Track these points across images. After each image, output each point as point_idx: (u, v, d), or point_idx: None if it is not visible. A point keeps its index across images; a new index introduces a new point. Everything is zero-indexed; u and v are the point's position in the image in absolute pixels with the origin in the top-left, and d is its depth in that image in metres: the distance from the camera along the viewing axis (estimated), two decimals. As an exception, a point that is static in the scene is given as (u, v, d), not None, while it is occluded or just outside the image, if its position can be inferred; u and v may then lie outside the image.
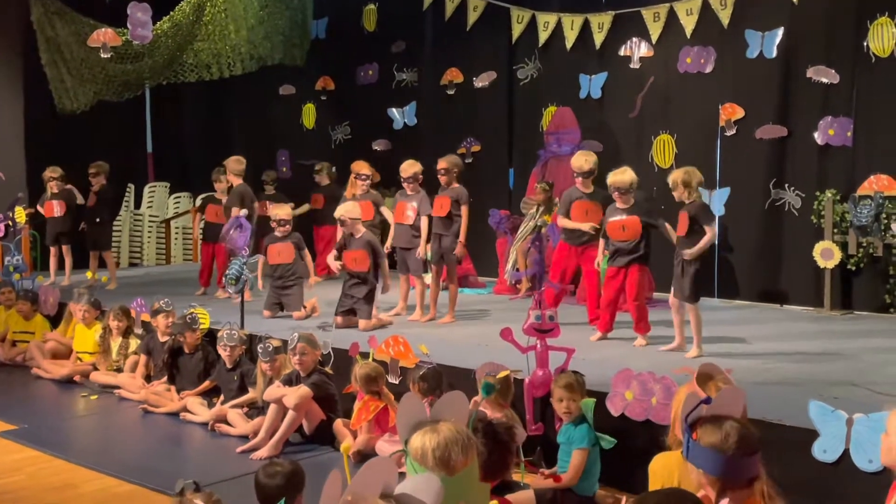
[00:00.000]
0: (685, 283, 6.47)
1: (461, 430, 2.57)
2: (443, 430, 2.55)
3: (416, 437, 2.56)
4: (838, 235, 8.55)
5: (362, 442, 5.81)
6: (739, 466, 2.58)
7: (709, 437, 2.59)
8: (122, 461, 5.82)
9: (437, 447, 2.51)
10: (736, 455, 2.57)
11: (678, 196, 6.56)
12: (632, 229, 7.00)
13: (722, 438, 2.58)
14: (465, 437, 2.55)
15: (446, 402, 2.70)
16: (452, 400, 2.70)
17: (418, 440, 2.55)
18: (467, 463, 2.56)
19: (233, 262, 7.41)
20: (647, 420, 5.09)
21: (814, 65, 8.77)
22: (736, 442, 2.58)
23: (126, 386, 7.44)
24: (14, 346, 8.75)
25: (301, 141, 13.35)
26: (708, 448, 2.58)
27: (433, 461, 2.51)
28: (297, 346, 6.14)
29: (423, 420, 2.63)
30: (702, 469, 2.60)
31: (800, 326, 7.97)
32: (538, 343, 5.44)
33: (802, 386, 5.54)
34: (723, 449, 2.57)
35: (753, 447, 2.61)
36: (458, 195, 7.92)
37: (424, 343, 6.18)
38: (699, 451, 2.60)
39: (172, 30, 10.83)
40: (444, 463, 2.50)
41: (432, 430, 2.56)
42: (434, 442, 2.52)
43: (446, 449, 2.51)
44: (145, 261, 13.75)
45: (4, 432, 6.40)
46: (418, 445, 2.54)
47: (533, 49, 10.84)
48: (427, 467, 2.50)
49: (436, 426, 2.57)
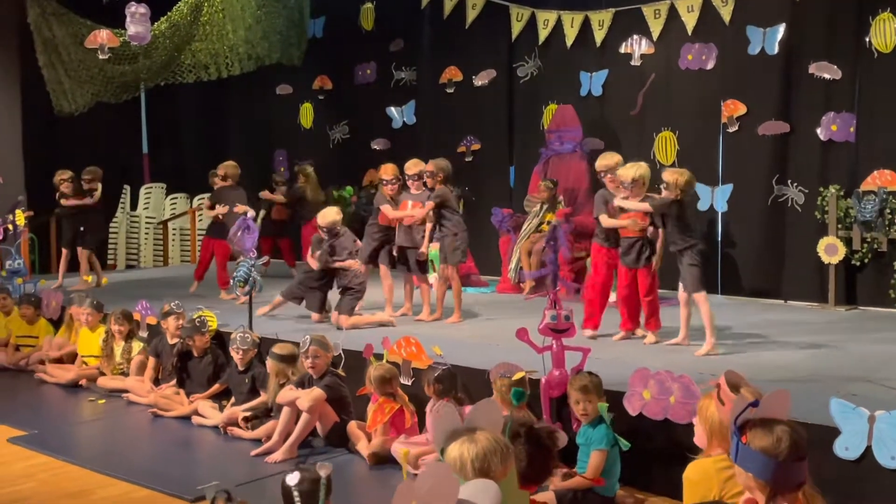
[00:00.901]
0: (684, 274, 6.58)
1: (498, 438, 2.56)
2: (480, 439, 2.53)
3: (454, 447, 2.54)
4: (842, 231, 8.57)
5: (378, 444, 5.79)
6: (790, 471, 2.56)
7: (760, 441, 2.57)
8: (135, 466, 5.78)
9: (476, 457, 2.50)
10: (787, 460, 2.54)
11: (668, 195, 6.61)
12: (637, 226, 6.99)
13: (774, 443, 2.55)
14: (502, 445, 2.54)
15: (480, 410, 2.67)
16: (486, 407, 2.68)
17: (456, 450, 2.53)
18: (506, 472, 2.55)
19: (241, 263, 7.36)
20: (665, 419, 5.08)
21: (816, 61, 8.79)
22: (788, 447, 2.55)
23: (134, 389, 7.40)
24: (17, 351, 8.70)
25: (299, 141, 13.31)
26: (759, 452, 2.56)
27: (472, 472, 2.49)
28: (310, 348, 6.11)
29: (458, 428, 2.61)
30: (751, 473, 2.58)
31: (805, 322, 7.98)
32: (554, 343, 5.42)
33: (817, 383, 5.55)
34: (775, 454, 2.54)
35: (804, 452, 2.59)
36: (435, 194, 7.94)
37: (434, 343, 6.18)
38: (749, 455, 2.58)
39: (170, 30, 10.80)
40: (483, 473, 2.49)
41: (470, 439, 2.54)
42: (473, 452, 2.50)
43: (485, 459, 2.49)
44: (142, 262, 13.69)
45: (14, 438, 6.35)
46: (456, 455, 2.52)
47: (533, 47, 10.82)
48: (466, 478, 2.48)
49: (473, 435, 2.55)
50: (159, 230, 13.65)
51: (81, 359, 8.18)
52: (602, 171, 7.43)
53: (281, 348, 6.42)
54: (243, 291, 7.25)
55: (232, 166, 9.89)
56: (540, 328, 5.44)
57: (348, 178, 12.38)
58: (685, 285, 6.62)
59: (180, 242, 13.83)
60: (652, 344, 6.89)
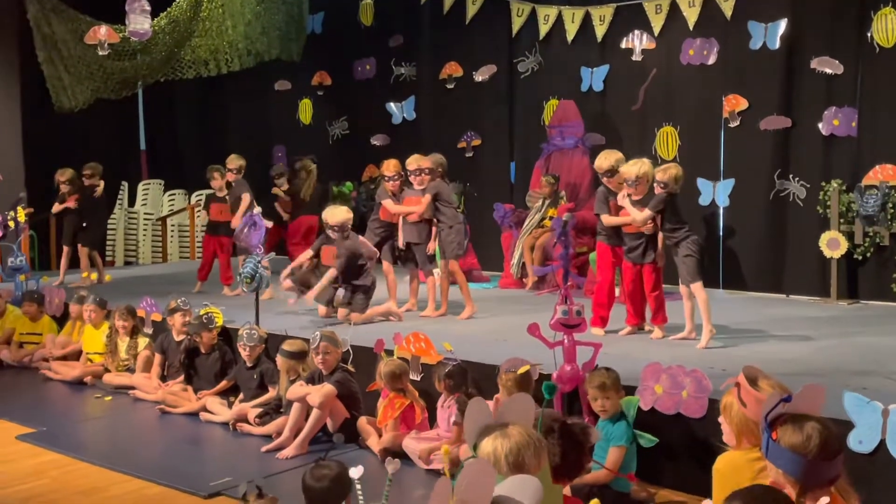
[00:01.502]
0: (679, 267, 6.65)
1: (531, 433, 2.57)
2: (514, 434, 2.54)
3: (487, 442, 2.55)
4: (844, 225, 8.62)
5: (389, 440, 5.80)
6: (820, 469, 2.55)
7: (790, 438, 2.57)
8: (146, 463, 5.78)
9: (509, 452, 2.50)
10: (817, 458, 2.54)
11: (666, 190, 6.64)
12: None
13: (804, 440, 2.55)
14: (536, 440, 2.55)
15: (512, 405, 2.68)
16: (518, 402, 2.68)
17: (489, 445, 2.53)
18: (540, 467, 2.55)
19: (247, 260, 7.36)
20: (678, 413, 5.11)
21: (818, 56, 8.82)
22: (818, 445, 2.54)
23: (141, 386, 7.39)
24: (21, 348, 8.68)
25: (298, 137, 13.29)
26: (788, 449, 2.56)
27: (507, 467, 2.50)
28: (321, 345, 6.12)
29: (490, 424, 2.61)
30: (781, 469, 2.59)
31: (809, 317, 8.02)
32: (565, 338, 5.44)
33: (826, 377, 5.57)
34: (804, 451, 2.54)
35: (835, 450, 2.58)
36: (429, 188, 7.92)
37: (441, 339, 6.19)
38: (779, 452, 2.58)
39: (170, 26, 10.77)
40: (517, 468, 2.49)
41: (503, 434, 2.54)
42: (506, 447, 2.51)
43: (519, 454, 2.50)
44: (141, 259, 13.67)
45: (23, 435, 6.34)
46: (490, 451, 2.52)
47: (533, 42, 10.83)
48: (500, 473, 2.49)
49: (505, 430, 2.56)
50: (158, 227, 13.63)
51: (86, 356, 8.17)
52: (601, 173, 7.37)
53: (291, 345, 6.42)
54: (250, 288, 7.24)
55: (241, 158, 9.90)
56: (551, 323, 5.45)
57: (348, 174, 12.40)
58: (682, 277, 6.67)
59: (179, 239, 13.81)
60: (659, 339, 6.91)
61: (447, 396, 5.75)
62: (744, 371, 3.49)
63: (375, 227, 8.42)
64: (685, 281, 6.65)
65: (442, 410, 5.78)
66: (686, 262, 6.61)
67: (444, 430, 5.71)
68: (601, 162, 7.42)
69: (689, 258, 6.60)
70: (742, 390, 3.30)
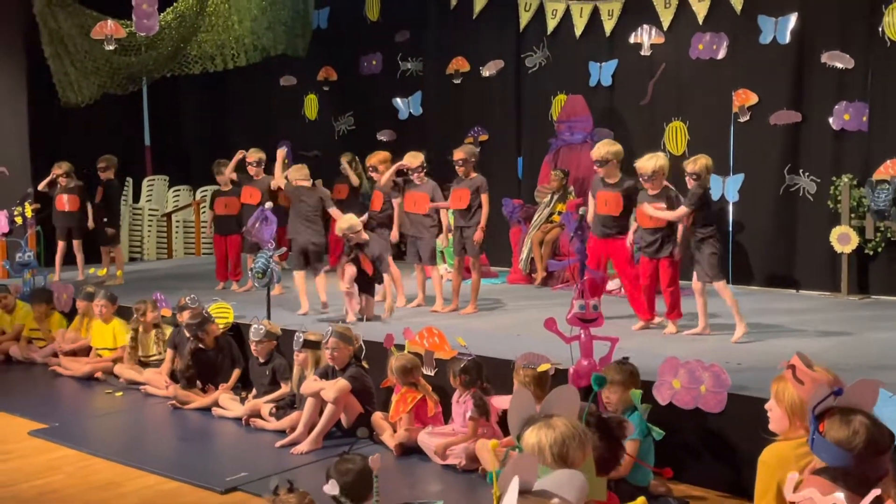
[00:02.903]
0: (703, 263, 6.59)
1: (576, 424, 2.55)
2: (558, 425, 2.52)
3: (531, 432, 2.53)
4: (855, 220, 8.59)
5: (403, 435, 5.79)
6: (866, 465, 2.50)
7: (835, 433, 2.52)
8: (160, 458, 5.78)
9: (554, 443, 2.48)
10: (863, 454, 2.49)
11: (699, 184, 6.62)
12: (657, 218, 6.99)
13: (849, 435, 2.50)
14: (580, 431, 2.53)
15: (557, 396, 2.66)
16: (563, 394, 2.66)
17: (534, 436, 2.52)
18: (584, 458, 2.53)
19: (259, 255, 7.33)
20: (696, 408, 5.09)
21: (828, 50, 8.79)
22: (864, 441, 2.49)
23: (152, 382, 7.37)
24: (30, 344, 8.65)
25: (303, 132, 13.25)
26: (833, 444, 2.52)
27: (551, 458, 2.48)
28: (329, 340, 6.10)
29: (534, 415, 2.60)
30: (826, 463, 2.56)
31: (820, 312, 8.00)
32: (582, 333, 5.42)
33: (845, 372, 5.47)
34: (850, 447, 2.49)
35: (883, 446, 2.52)
36: (478, 184, 7.89)
37: (452, 333, 6.17)
38: (824, 446, 2.54)
39: (176, 21, 10.72)
40: (562, 459, 2.47)
41: (547, 425, 2.53)
42: (551, 438, 2.49)
43: (564, 445, 2.48)
44: (146, 255, 13.63)
45: (36, 431, 6.33)
46: (534, 441, 2.51)
47: (541, 37, 10.79)
48: (545, 464, 2.47)
49: (550, 421, 2.54)
50: (162, 222, 13.59)
51: (95, 351, 8.15)
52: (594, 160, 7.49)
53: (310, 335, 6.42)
54: (262, 283, 7.21)
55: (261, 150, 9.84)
56: (568, 318, 5.42)
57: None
58: (704, 274, 6.63)
59: (184, 234, 13.77)
60: (672, 334, 6.90)
61: (462, 392, 5.73)
62: (797, 356, 3.47)
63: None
64: (704, 278, 6.62)
65: (457, 406, 5.76)
66: (711, 259, 6.57)
67: (460, 425, 5.69)
68: (595, 150, 7.48)
69: (714, 256, 6.57)
70: (798, 371, 3.26)
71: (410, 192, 8.19)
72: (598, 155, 7.41)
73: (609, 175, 7.44)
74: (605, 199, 7.43)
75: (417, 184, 8.16)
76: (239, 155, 9.61)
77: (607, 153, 7.37)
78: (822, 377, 3.00)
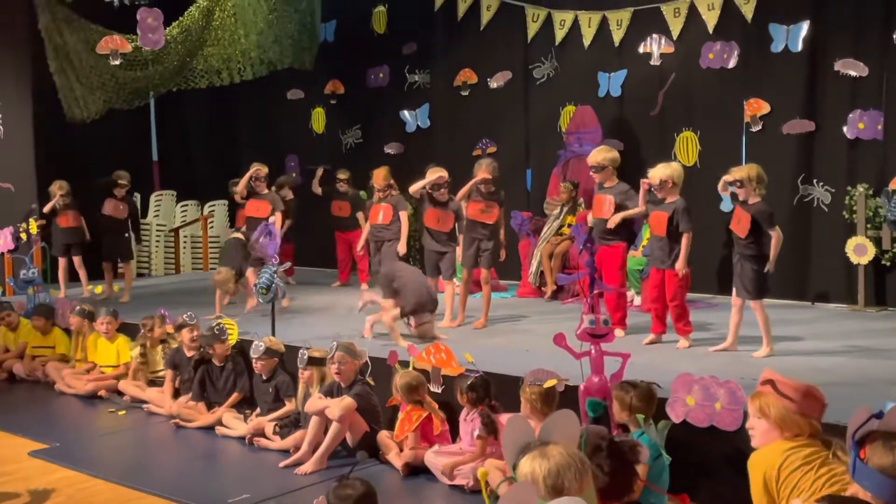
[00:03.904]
0: (746, 280, 6.42)
1: (573, 453, 2.40)
2: (554, 454, 2.37)
3: (526, 461, 2.38)
4: (871, 231, 8.43)
5: (410, 455, 5.65)
6: None
7: (879, 459, 2.38)
8: (162, 479, 5.65)
9: (548, 474, 2.34)
10: None
11: (744, 194, 6.43)
12: (663, 225, 6.87)
13: (894, 461, 2.37)
14: (578, 461, 2.38)
15: (555, 422, 2.51)
16: (561, 419, 2.51)
17: (528, 465, 2.37)
18: (582, 489, 2.38)
19: (263, 270, 7.22)
20: (711, 426, 4.93)
21: (842, 58, 8.66)
22: None
23: (155, 401, 7.25)
24: (33, 361, 8.55)
25: (311, 146, 13.17)
26: (877, 470, 2.37)
27: (545, 489, 2.34)
28: (336, 354, 5.97)
29: (531, 442, 2.45)
30: (869, 492, 2.41)
31: (838, 324, 7.85)
32: (592, 348, 5.27)
33: (867, 387, 5.41)
34: (895, 474, 2.36)
35: None
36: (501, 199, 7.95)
37: (458, 348, 6.03)
38: (866, 472, 2.39)
39: (182, 35, 10.67)
40: (556, 491, 2.33)
41: (542, 454, 2.38)
42: (545, 468, 2.35)
43: (559, 476, 2.34)
44: (154, 271, 13.54)
45: (37, 451, 6.21)
46: (528, 471, 2.36)
47: (549, 48, 10.68)
48: (539, 495, 2.33)
49: (545, 450, 2.39)
50: (170, 238, 13.51)
51: (99, 369, 8.05)
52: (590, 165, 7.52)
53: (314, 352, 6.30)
54: (266, 299, 7.09)
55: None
56: (578, 333, 5.28)
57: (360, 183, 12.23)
58: (744, 290, 6.47)
59: (192, 250, 13.68)
60: (685, 348, 6.74)
61: (470, 409, 5.58)
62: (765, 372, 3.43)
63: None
64: (744, 295, 6.47)
65: (465, 424, 5.61)
66: (755, 278, 6.40)
67: (468, 444, 5.54)
68: (591, 157, 7.52)
69: (760, 274, 6.40)
70: (779, 384, 3.30)
71: (433, 209, 8.03)
72: (595, 161, 7.42)
73: (607, 180, 7.42)
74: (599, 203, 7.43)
75: (441, 201, 8.00)
76: (252, 170, 9.51)
77: (603, 160, 7.38)
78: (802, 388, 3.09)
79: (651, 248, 7.09)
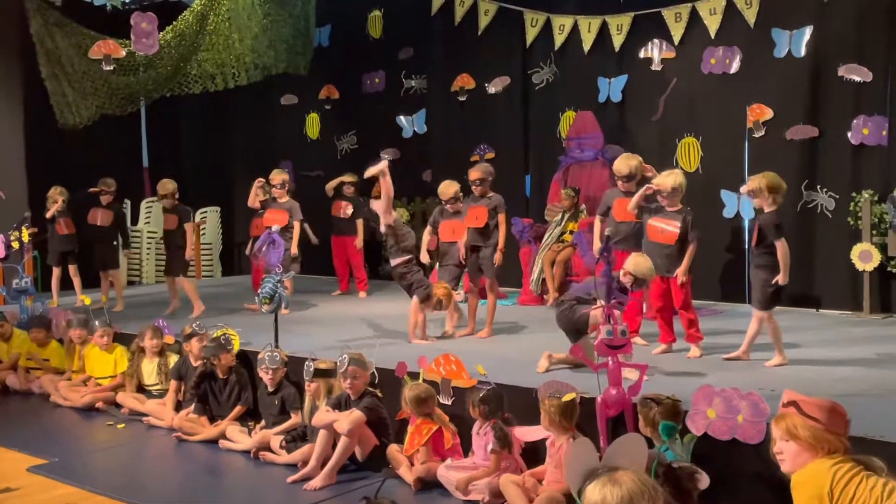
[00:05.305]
0: (756, 290, 6.38)
1: (644, 479, 2.27)
2: (625, 480, 2.25)
3: (594, 488, 2.25)
4: (877, 237, 8.38)
5: (422, 469, 5.51)
6: None
7: None
8: (164, 495, 5.49)
9: (621, 501, 2.22)
10: None
11: (758, 203, 6.35)
12: (669, 234, 6.78)
13: None
14: (651, 488, 2.25)
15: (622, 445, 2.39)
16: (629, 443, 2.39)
17: (597, 493, 2.24)
18: None
19: (266, 279, 7.07)
20: (733, 439, 4.83)
21: (845, 63, 8.60)
22: None
23: (155, 413, 7.09)
24: (28, 373, 8.37)
25: (305, 152, 13.03)
26: None
27: None
28: (349, 368, 5.83)
29: (597, 467, 2.33)
30: None
31: (845, 331, 7.77)
32: (609, 360, 5.16)
33: (872, 397, 5.31)
34: None
35: None
36: (496, 204, 7.68)
37: (467, 359, 5.91)
38: None
39: (176, 40, 10.50)
40: None
41: (612, 480, 2.25)
42: (618, 496, 2.22)
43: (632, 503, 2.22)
44: (144, 279, 13.35)
45: (35, 467, 6.03)
46: (598, 500, 2.23)
47: (548, 53, 10.60)
48: None
49: (615, 475, 2.27)
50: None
51: (95, 381, 7.88)
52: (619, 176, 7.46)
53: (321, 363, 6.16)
54: (269, 308, 6.94)
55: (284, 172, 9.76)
56: (595, 344, 5.17)
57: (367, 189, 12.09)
58: (755, 301, 6.41)
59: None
60: (696, 357, 6.64)
61: (482, 423, 5.45)
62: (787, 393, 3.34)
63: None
64: (755, 306, 6.42)
65: (478, 438, 5.48)
66: (764, 288, 6.30)
67: (481, 458, 5.41)
68: (620, 166, 7.39)
69: (767, 284, 6.28)
70: (804, 405, 3.21)
71: (447, 220, 7.90)
72: (628, 170, 7.34)
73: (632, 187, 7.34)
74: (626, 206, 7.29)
75: (451, 212, 7.89)
76: (257, 183, 9.38)
77: (636, 168, 7.35)
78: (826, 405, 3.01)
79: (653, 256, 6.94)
